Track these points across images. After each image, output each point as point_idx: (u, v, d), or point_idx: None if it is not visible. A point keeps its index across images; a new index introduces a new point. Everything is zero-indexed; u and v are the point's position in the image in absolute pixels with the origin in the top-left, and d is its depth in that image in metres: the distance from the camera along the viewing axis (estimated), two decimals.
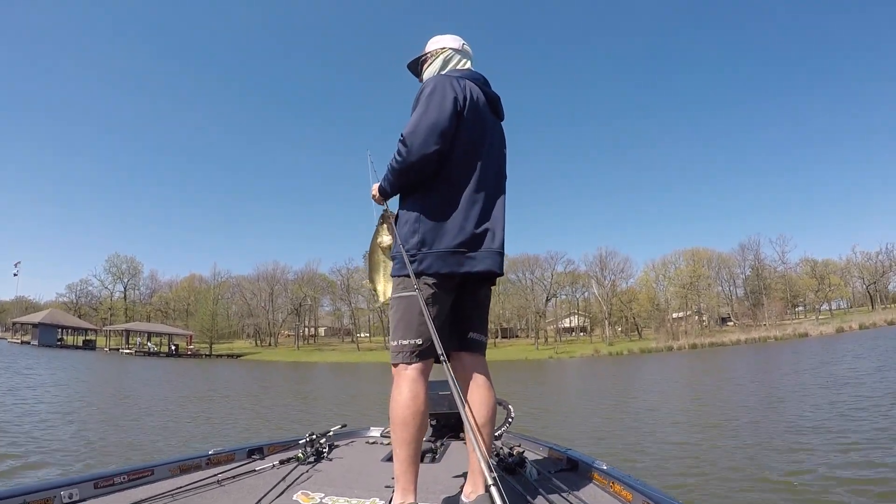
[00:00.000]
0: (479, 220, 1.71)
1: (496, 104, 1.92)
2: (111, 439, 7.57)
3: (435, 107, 1.66)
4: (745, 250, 70.55)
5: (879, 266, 70.01)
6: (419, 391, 1.62)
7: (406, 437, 1.58)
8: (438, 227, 1.67)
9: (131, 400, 13.18)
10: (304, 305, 75.04)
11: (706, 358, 32.77)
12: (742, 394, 12.12)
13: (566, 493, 1.77)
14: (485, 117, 1.81)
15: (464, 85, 1.76)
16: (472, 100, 1.74)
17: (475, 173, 1.73)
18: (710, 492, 4.69)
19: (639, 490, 1.62)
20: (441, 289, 1.66)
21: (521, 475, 2.07)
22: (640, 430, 8.04)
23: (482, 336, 1.87)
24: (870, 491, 4.38)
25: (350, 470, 2.35)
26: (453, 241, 1.66)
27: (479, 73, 1.92)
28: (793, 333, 50.27)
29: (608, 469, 1.95)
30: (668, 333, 58.21)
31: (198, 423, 9.79)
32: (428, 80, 1.79)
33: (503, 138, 1.95)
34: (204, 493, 1.92)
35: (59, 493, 1.68)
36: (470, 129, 1.73)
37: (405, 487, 1.58)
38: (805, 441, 6.48)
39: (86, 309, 75.86)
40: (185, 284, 79.10)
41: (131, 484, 1.96)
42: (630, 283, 71.04)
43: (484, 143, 1.79)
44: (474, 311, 1.84)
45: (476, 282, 1.79)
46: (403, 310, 1.67)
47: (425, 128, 1.64)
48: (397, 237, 1.75)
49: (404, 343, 1.66)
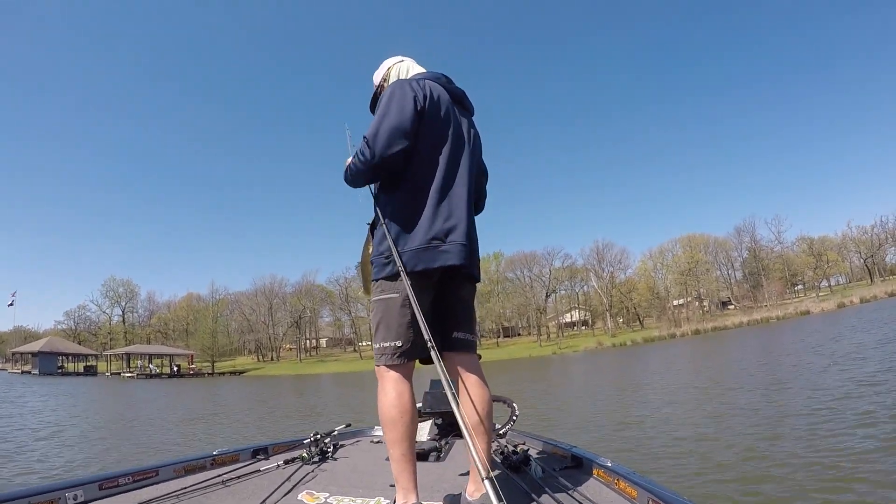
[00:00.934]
0: (449, 214, 1.70)
1: (462, 99, 1.93)
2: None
3: (396, 108, 1.68)
4: (740, 233, 70.81)
5: (875, 239, 70.14)
6: (403, 390, 1.64)
7: (396, 436, 1.59)
8: (409, 226, 1.68)
9: (129, 425, 12.93)
10: (304, 318, 74.77)
11: (711, 343, 32.69)
12: (764, 380, 11.93)
13: (571, 491, 1.76)
14: (449, 113, 1.81)
15: (423, 84, 1.78)
16: (433, 97, 1.75)
17: (442, 169, 1.73)
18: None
19: (644, 487, 1.60)
20: (418, 287, 1.63)
21: (525, 473, 2.06)
22: (667, 432, 6.95)
23: (468, 335, 1.85)
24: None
25: (355, 469, 2.35)
26: (424, 237, 1.66)
27: (439, 72, 1.92)
28: (794, 312, 50.29)
29: (613, 466, 1.92)
30: (670, 321, 58.16)
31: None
32: (389, 86, 1.80)
33: (474, 131, 1.95)
34: (209, 494, 1.91)
35: (65, 494, 1.69)
36: (433, 126, 1.75)
37: (405, 487, 1.59)
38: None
39: (85, 335, 75.35)
40: (183, 304, 78.75)
41: (136, 485, 1.95)
42: (628, 273, 71.17)
43: (448, 138, 1.78)
44: (457, 309, 1.83)
45: (454, 279, 1.78)
46: (383, 312, 1.70)
47: (387, 129, 1.66)
48: (372, 243, 1.79)
49: (385, 345, 1.67)
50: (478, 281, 1.90)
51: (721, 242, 70.56)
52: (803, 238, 70.86)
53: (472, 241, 1.76)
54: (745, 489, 4.30)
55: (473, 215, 1.84)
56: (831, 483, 4.15)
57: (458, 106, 1.89)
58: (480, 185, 2.01)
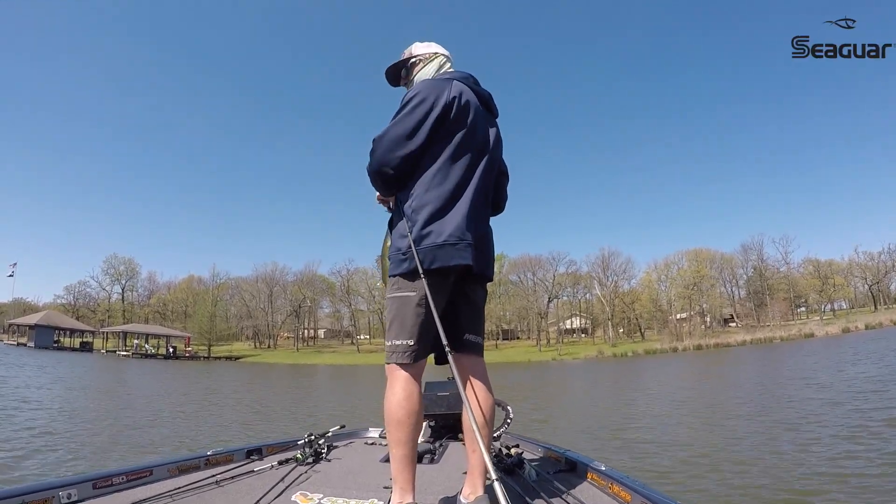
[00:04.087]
0: (466, 215, 1.69)
1: (488, 102, 1.93)
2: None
3: (409, 116, 1.69)
4: (747, 251, 70.57)
5: (882, 266, 69.76)
6: (413, 391, 1.63)
7: (401, 436, 1.58)
8: (426, 225, 1.66)
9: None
10: (304, 307, 74.51)
11: (714, 359, 32.23)
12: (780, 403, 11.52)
13: (565, 494, 1.76)
14: (475, 116, 1.81)
15: (451, 86, 1.77)
16: (459, 100, 1.75)
17: (463, 171, 1.74)
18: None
19: (637, 491, 1.59)
20: (435, 287, 1.63)
21: (519, 476, 2.05)
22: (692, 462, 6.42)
23: (478, 338, 1.87)
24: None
25: (349, 471, 2.35)
26: (441, 236, 1.65)
27: (468, 72, 1.92)
28: (798, 334, 49.85)
29: (607, 470, 1.91)
30: (672, 334, 57.72)
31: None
32: (417, 86, 1.80)
33: (497, 134, 1.94)
34: (202, 494, 1.90)
35: (58, 493, 1.67)
36: (458, 129, 1.74)
37: (403, 487, 1.58)
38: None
39: (84, 311, 75.10)
40: (183, 286, 78.52)
41: (130, 484, 1.94)
42: (632, 283, 70.76)
43: (472, 141, 1.78)
44: (469, 312, 1.84)
45: (467, 280, 1.78)
46: (397, 309, 1.68)
47: (391, 137, 1.69)
48: (390, 240, 1.81)
49: (397, 343, 1.66)
50: (490, 282, 1.90)
51: (727, 258, 70.28)
52: (809, 260, 70.58)
53: (486, 243, 1.79)
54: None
55: (488, 217, 1.88)
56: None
57: (483, 108, 1.89)
58: (500, 185, 2.02)
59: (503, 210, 2.09)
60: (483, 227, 1.79)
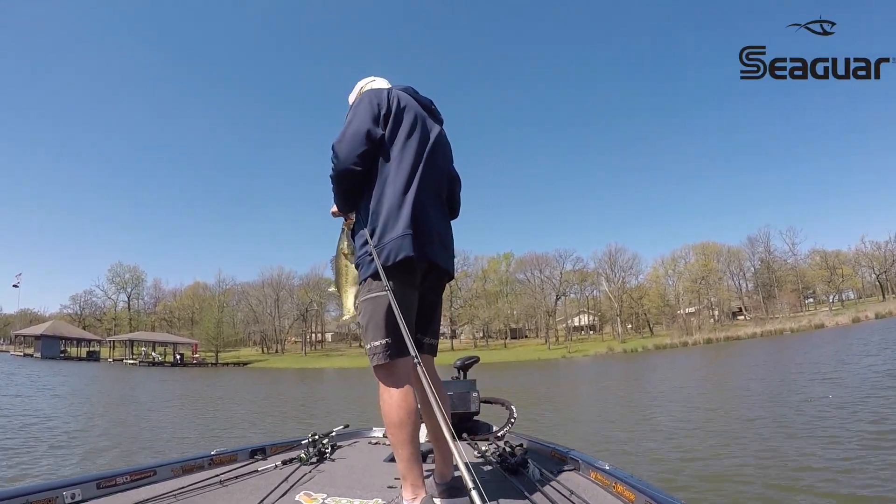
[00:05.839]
0: (420, 211, 1.74)
1: (430, 107, 2.01)
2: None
3: (359, 116, 1.77)
4: (753, 243, 70.13)
5: (889, 255, 69.24)
6: (407, 390, 1.64)
7: (405, 437, 1.60)
8: (386, 224, 1.71)
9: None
10: (311, 311, 74.31)
11: (726, 353, 31.94)
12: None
13: (569, 494, 1.75)
14: (417, 118, 1.87)
15: (390, 90, 1.88)
16: (399, 103, 1.83)
17: (412, 169, 1.78)
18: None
19: (642, 490, 1.59)
20: (402, 284, 1.68)
21: (523, 475, 2.05)
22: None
23: (434, 340, 1.94)
24: None
25: (353, 470, 2.35)
26: (400, 232, 1.69)
27: (407, 84, 2.00)
28: (808, 325, 49.66)
29: (611, 469, 1.90)
30: (681, 329, 57.44)
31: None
32: (359, 95, 1.92)
33: (443, 136, 2.02)
34: (206, 494, 1.90)
35: (62, 493, 1.68)
36: (402, 130, 1.81)
37: (414, 483, 1.60)
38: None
39: (90, 320, 75.06)
40: (189, 293, 78.38)
41: (134, 484, 1.94)
42: (640, 279, 70.48)
43: (417, 141, 1.83)
44: (429, 313, 1.89)
45: (428, 277, 1.82)
46: (371, 311, 1.70)
47: (350, 134, 1.75)
48: (354, 246, 1.85)
49: (376, 344, 1.67)
50: (451, 280, 1.96)
51: (734, 251, 69.87)
52: (816, 251, 70.14)
53: (442, 237, 1.84)
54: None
55: (446, 217, 1.96)
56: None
57: (427, 113, 1.97)
58: (453, 191, 2.07)
59: (458, 214, 2.14)
60: (441, 224, 1.86)
